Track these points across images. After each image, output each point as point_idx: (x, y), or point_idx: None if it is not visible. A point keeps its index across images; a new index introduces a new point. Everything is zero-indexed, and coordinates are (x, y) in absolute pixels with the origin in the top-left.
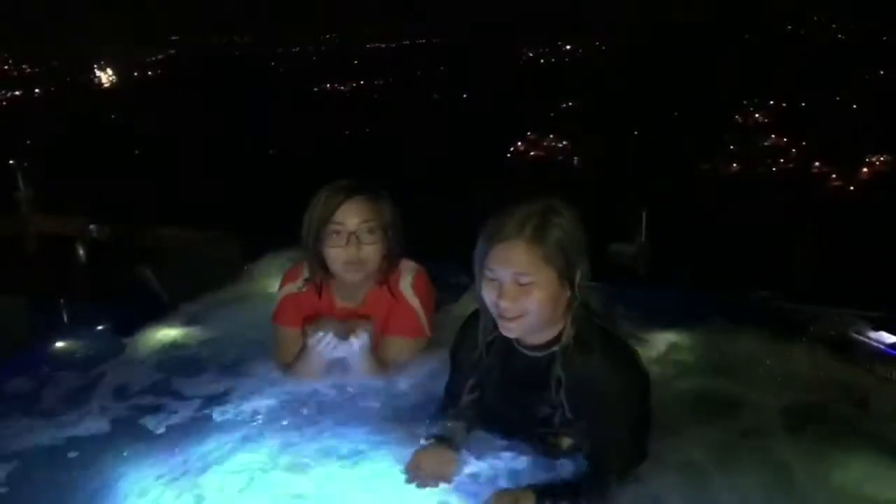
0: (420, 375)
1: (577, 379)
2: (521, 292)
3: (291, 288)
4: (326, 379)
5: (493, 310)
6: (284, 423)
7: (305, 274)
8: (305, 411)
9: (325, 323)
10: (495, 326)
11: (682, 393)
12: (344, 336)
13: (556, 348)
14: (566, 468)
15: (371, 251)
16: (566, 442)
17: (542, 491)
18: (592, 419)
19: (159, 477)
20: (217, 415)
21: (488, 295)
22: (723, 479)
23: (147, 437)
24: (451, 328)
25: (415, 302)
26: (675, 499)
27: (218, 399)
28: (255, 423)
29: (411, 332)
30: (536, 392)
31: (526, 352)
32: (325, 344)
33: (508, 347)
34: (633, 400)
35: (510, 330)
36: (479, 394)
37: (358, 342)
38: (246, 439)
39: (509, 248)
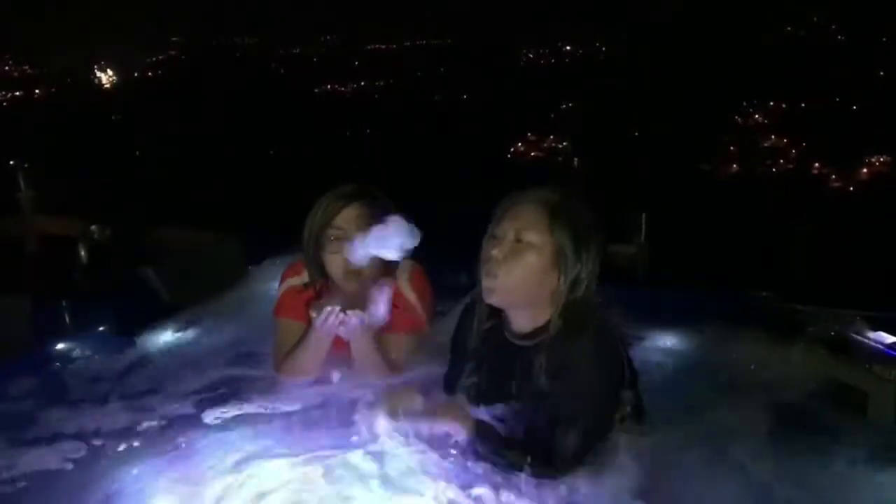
0: (420, 375)
1: (554, 362)
2: (516, 250)
3: (293, 281)
4: (325, 376)
5: (483, 268)
6: (284, 423)
7: (305, 279)
8: (305, 412)
9: (332, 299)
10: (490, 315)
11: (681, 393)
12: (350, 308)
13: (542, 337)
14: None
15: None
16: None
17: (483, 426)
18: (555, 395)
19: (159, 477)
20: (217, 416)
21: (485, 251)
22: (721, 479)
23: (147, 438)
24: (450, 329)
25: (412, 297)
26: (674, 499)
27: (218, 400)
28: (254, 424)
29: (410, 327)
30: (523, 382)
31: (515, 342)
32: (333, 318)
33: (500, 338)
34: (600, 387)
35: (491, 292)
36: (476, 380)
37: (363, 314)
38: (246, 440)
39: (523, 206)
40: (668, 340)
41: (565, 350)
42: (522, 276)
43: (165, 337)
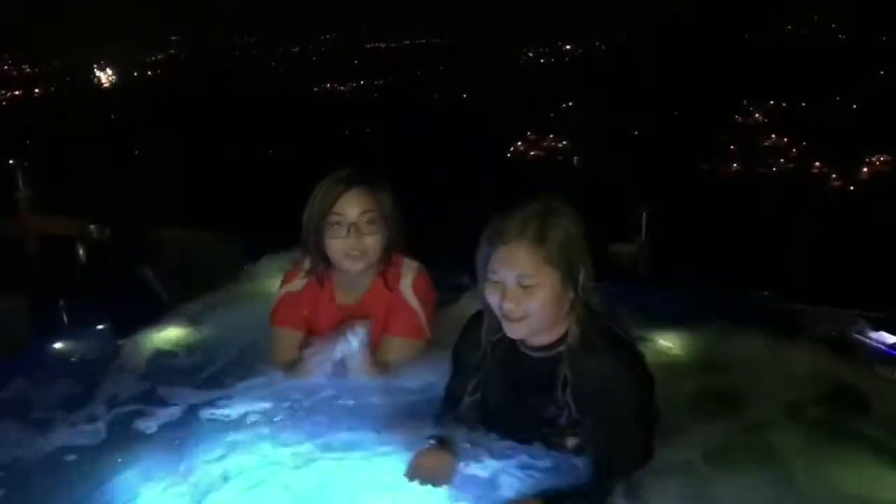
0: (420, 376)
1: (583, 378)
2: (525, 294)
3: (290, 288)
4: (325, 380)
5: (497, 312)
6: (284, 423)
7: (306, 268)
8: (305, 412)
9: (320, 349)
10: (500, 327)
11: (682, 393)
12: (343, 338)
13: (561, 348)
14: (570, 468)
15: (371, 241)
16: (571, 442)
17: (550, 499)
18: (599, 418)
19: (159, 477)
20: (216, 415)
21: (492, 297)
22: (723, 479)
23: (146, 438)
24: (451, 329)
25: (414, 302)
26: (675, 499)
27: (218, 399)
28: (254, 424)
29: (411, 332)
30: (542, 393)
31: (530, 353)
32: (322, 367)
33: (512, 349)
34: (640, 400)
35: (515, 331)
36: (481, 395)
37: (356, 339)
38: (245, 440)
39: (512, 251)
40: (668, 340)
41: (588, 362)
42: (541, 312)
43: (164, 337)
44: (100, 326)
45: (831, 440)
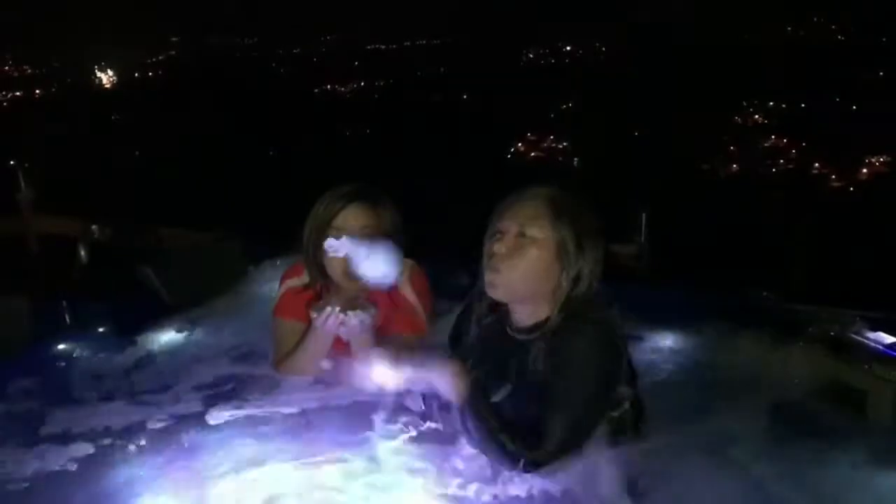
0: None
1: (552, 355)
2: (519, 245)
3: (293, 282)
4: (325, 375)
5: (486, 262)
6: (284, 423)
7: (305, 280)
8: (306, 412)
9: (332, 300)
10: (489, 311)
11: (682, 393)
12: (350, 309)
13: (541, 332)
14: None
15: None
16: None
17: (476, 397)
18: (547, 384)
19: (159, 478)
20: (217, 416)
21: (488, 246)
22: (721, 479)
23: (146, 438)
24: (450, 328)
25: (412, 298)
26: (674, 498)
27: (218, 400)
28: (254, 424)
29: (409, 328)
30: (518, 371)
31: (515, 335)
32: (333, 318)
33: (500, 331)
34: (593, 383)
35: (494, 286)
36: (475, 377)
37: (363, 314)
38: (246, 439)
39: (524, 202)
40: (667, 340)
41: (563, 343)
42: (525, 271)
43: (165, 337)
44: (101, 327)
45: (830, 440)
